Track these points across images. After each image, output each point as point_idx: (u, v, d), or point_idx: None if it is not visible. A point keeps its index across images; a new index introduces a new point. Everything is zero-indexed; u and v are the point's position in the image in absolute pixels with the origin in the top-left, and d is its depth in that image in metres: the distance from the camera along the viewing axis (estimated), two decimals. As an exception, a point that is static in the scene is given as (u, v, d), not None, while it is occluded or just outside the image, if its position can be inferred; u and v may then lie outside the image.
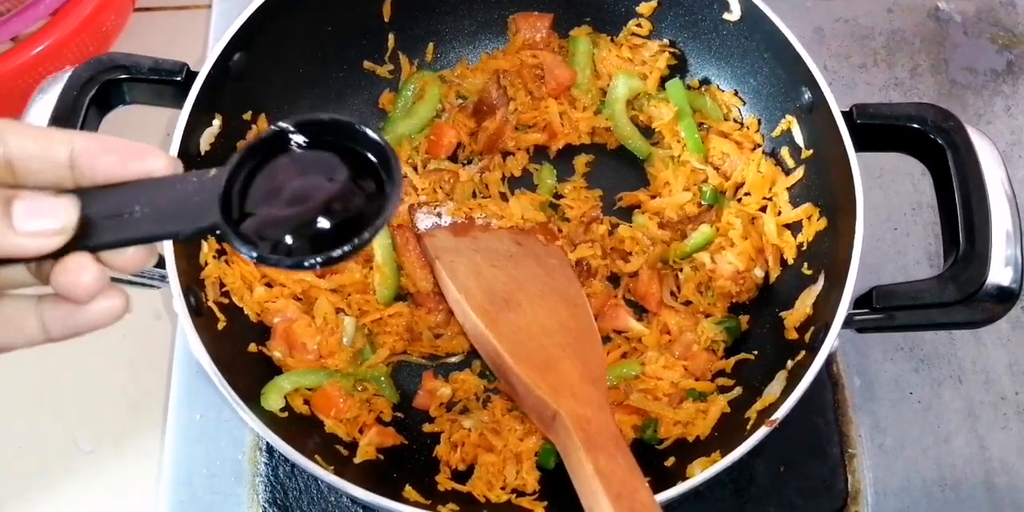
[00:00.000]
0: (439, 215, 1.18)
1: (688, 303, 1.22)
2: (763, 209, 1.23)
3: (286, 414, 1.09)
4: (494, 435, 1.13)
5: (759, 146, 1.26)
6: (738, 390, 1.14)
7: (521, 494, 1.10)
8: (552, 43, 1.32)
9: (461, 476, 1.13)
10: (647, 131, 1.31)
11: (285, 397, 1.10)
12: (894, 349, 1.31)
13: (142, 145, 0.68)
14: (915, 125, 1.08)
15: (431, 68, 1.34)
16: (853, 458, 1.24)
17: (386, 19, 1.29)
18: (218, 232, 0.65)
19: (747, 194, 1.24)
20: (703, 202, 1.25)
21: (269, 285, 1.18)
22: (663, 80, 1.30)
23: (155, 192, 0.67)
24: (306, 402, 1.13)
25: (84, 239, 0.66)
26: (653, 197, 1.27)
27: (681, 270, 1.23)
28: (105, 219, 0.66)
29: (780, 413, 0.99)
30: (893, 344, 1.31)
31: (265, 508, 1.19)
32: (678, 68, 1.31)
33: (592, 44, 1.31)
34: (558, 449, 0.95)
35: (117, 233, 0.66)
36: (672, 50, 1.30)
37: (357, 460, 1.10)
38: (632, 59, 1.31)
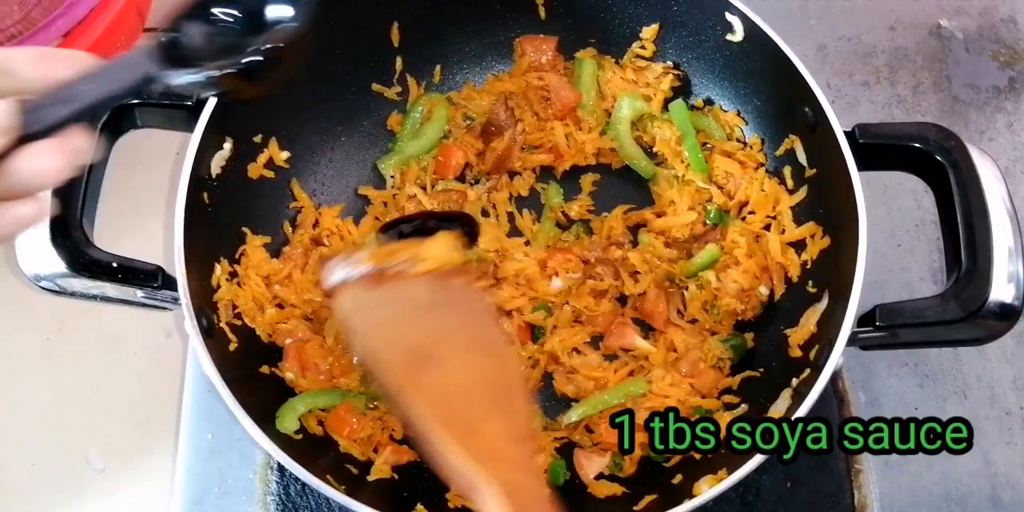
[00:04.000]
0: (352, 265, 1.07)
1: (694, 321, 1.23)
2: (767, 227, 1.23)
3: (301, 436, 1.10)
4: None
5: (762, 165, 1.27)
6: (744, 407, 1.15)
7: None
8: (558, 65, 1.33)
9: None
10: (651, 151, 1.32)
11: (299, 419, 1.11)
12: (899, 365, 1.31)
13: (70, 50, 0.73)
14: (917, 144, 1.09)
15: (438, 90, 1.36)
16: (859, 473, 1.24)
17: (394, 43, 1.30)
18: (157, 79, 0.71)
19: (751, 213, 1.25)
20: (708, 221, 1.26)
21: (280, 306, 1.19)
22: (666, 101, 1.31)
23: (91, 75, 0.71)
24: (320, 423, 1.13)
25: (31, 127, 0.68)
26: (659, 215, 1.28)
27: (687, 288, 1.23)
28: (48, 107, 0.69)
29: (785, 432, 1.00)
30: (898, 360, 1.31)
31: (277, 527, 1.19)
32: (681, 89, 1.32)
33: (597, 66, 1.33)
34: None
35: (61, 111, 0.69)
36: (676, 72, 1.32)
37: (371, 478, 1.10)
38: (636, 81, 1.32)
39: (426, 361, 0.92)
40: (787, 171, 1.24)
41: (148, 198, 1.37)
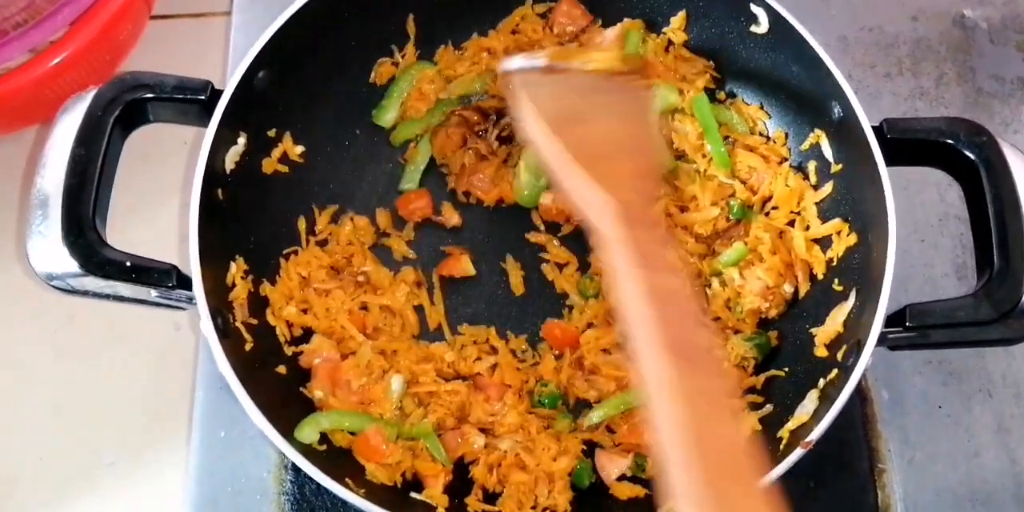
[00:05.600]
0: (530, 59, 1.10)
1: (716, 319, 1.21)
2: (791, 223, 1.21)
3: (324, 447, 1.08)
4: (527, 453, 1.12)
5: (786, 160, 1.25)
6: (768, 407, 1.13)
7: (552, 514, 1.09)
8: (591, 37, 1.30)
9: (491, 497, 1.12)
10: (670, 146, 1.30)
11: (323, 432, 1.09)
12: (923, 363, 1.29)
13: None
14: (947, 140, 1.07)
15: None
16: (883, 473, 1.23)
17: (410, 34, 1.28)
18: None
19: (775, 208, 1.23)
20: (731, 217, 1.24)
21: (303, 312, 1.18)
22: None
23: None
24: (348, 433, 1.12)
25: None
26: (681, 209, 1.26)
27: (709, 286, 1.21)
28: None
29: (815, 434, 0.98)
30: (922, 358, 1.29)
31: (291, 527, 1.17)
32: (710, 90, 1.29)
33: (642, 41, 1.29)
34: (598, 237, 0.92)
35: None
36: (714, 74, 1.29)
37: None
38: (676, 70, 1.29)
39: (577, 120, 0.98)
40: (811, 166, 1.22)
41: (158, 192, 1.36)
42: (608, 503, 1.12)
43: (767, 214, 1.23)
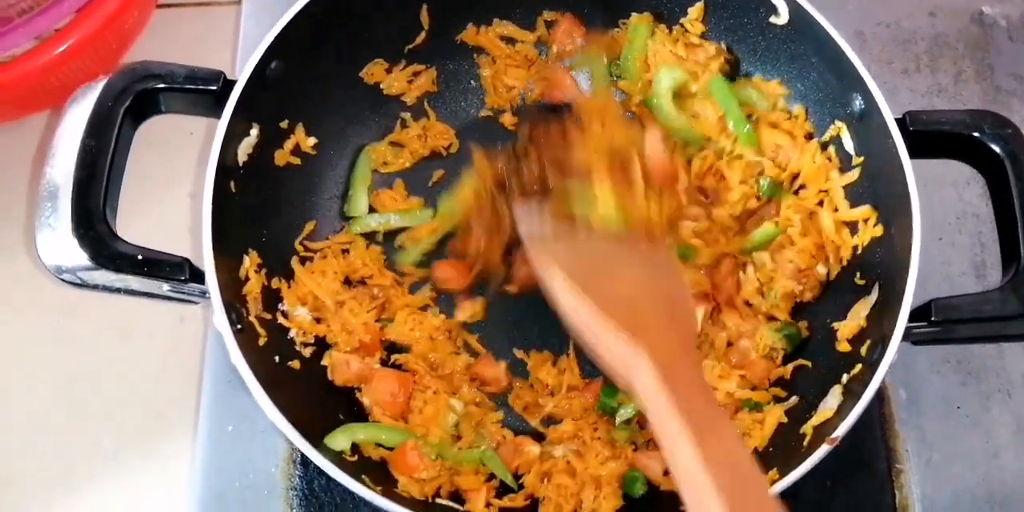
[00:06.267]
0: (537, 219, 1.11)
1: (748, 305, 1.19)
2: (820, 203, 1.19)
3: (355, 457, 1.07)
4: (577, 457, 1.10)
5: (812, 135, 1.22)
6: (794, 399, 1.12)
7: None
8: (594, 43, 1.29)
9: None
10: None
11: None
12: (941, 362, 1.28)
13: None
14: (971, 133, 1.06)
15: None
16: (900, 473, 1.21)
17: (424, 25, 1.27)
18: None
19: (803, 187, 1.20)
20: (761, 195, 1.21)
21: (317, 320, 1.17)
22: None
23: None
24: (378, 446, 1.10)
25: None
26: (705, 194, 1.23)
27: (742, 271, 1.20)
28: None
29: (841, 430, 0.97)
30: (940, 357, 1.28)
31: (300, 523, 1.16)
32: (728, 75, 1.27)
33: (650, 33, 1.28)
34: (635, 399, 0.89)
35: None
36: (728, 56, 1.26)
37: None
38: (686, 57, 1.27)
39: (601, 276, 0.95)
40: (831, 152, 1.20)
41: (164, 185, 1.34)
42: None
43: (796, 192, 1.21)
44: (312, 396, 1.11)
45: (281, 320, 1.13)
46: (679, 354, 0.87)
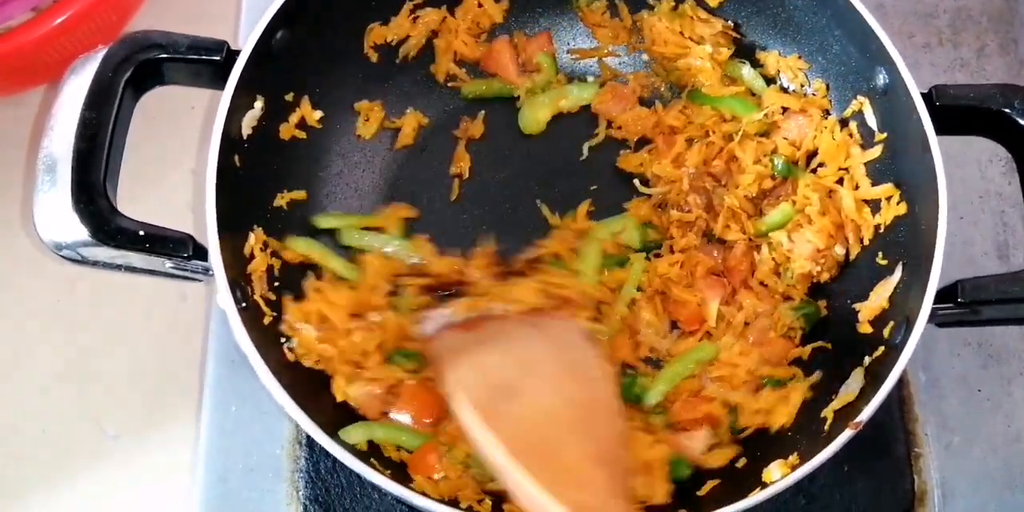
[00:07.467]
0: (443, 316, 1.11)
1: (764, 286, 1.17)
2: (839, 181, 1.16)
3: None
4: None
5: (828, 113, 1.19)
6: (818, 374, 1.09)
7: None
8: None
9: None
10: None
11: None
12: (962, 344, 1.26)
13: None
14: (1000, 108, 1.03)
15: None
16: (919, 457, 1.20)
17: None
18: None
19: (822, 165, 1.18)
20: (775, 174, 1.19)
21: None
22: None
23: None
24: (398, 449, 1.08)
25: None
26: (715, 178, 1.22)
27: (758, 251, 1.18)
28: None
29: (865, 415, 0.95)
30: (960, 339, 1.26)
31: (306, 505, 1.15)
32: (742, 48, 1.25)
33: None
34: None
35: None
36: (734, 34, 1.24)
37: None
38: (684, 33, 1.24)
39: (510, 395, 0.95)
40: (853, 127, 1.17)
41: (165, 159, 1.33)
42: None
43: (814, 171, 1.18)
44: (319, 377, 1.08)
45: (286, 329, 1.09)
46: (605, 501, 0.88)
